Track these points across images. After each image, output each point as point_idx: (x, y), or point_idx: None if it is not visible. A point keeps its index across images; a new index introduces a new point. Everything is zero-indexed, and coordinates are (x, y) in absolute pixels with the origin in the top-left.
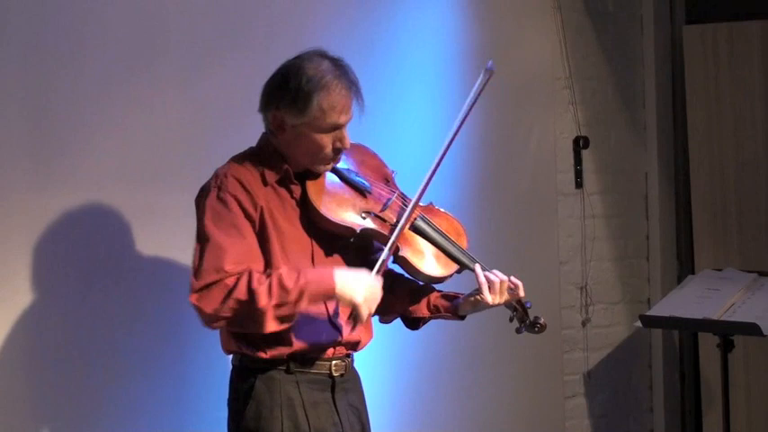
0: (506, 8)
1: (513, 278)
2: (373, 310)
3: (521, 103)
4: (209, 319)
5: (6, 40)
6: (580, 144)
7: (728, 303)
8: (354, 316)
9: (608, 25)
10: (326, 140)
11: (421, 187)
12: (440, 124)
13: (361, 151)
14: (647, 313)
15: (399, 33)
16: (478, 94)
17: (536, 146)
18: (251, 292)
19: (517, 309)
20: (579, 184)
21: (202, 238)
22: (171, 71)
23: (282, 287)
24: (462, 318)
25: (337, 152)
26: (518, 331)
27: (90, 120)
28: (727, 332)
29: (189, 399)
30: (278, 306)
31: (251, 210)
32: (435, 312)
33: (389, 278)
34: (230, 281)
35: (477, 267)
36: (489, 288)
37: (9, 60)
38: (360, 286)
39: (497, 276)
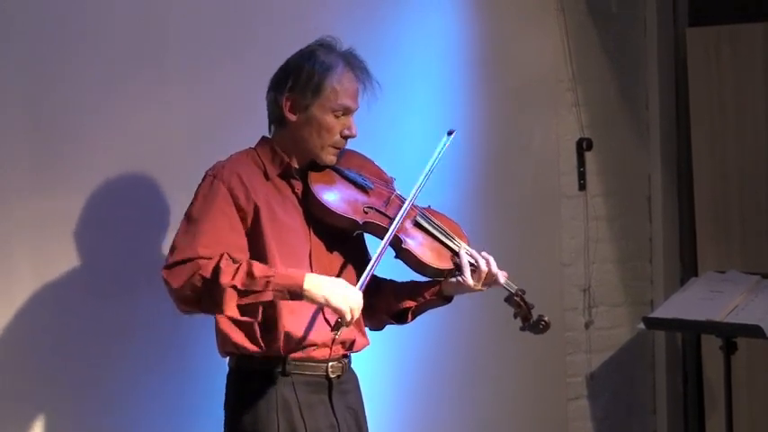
0: (509, 10)
1: (493, 267)
2: (357, 314)
3: (524, 104)
4: (176, 296)
5: (7, 39)
6: (583, 146)
7: (731, 305)
8: (339, 324)
9: (611, 27)
10: (336, 125)
11: (418, 183)
12: (442, 125)
13: (359, 157)
14: (650, 315)
15: (402, 36)
16: (439, 156)
17: (539, 148)
18: (215, 270)
19: (521, 306)
20: (582, 186)
21: (186, 218)
22: (172, 71)
23: (250, 274)
24: (449, 300)
25: (344, 139)
26: (522, 329)
27: (92, 119)
28: (730, 334)
29: (188, 400)
30: (241, 292)
31: (243, 202)
32: (421, 299)
33: (373, 282)
34: (202, 262)
35: (462, 250)
36: (473, 271)
37: (10, 60)
38: (335, 290)
39: (484, 260)
